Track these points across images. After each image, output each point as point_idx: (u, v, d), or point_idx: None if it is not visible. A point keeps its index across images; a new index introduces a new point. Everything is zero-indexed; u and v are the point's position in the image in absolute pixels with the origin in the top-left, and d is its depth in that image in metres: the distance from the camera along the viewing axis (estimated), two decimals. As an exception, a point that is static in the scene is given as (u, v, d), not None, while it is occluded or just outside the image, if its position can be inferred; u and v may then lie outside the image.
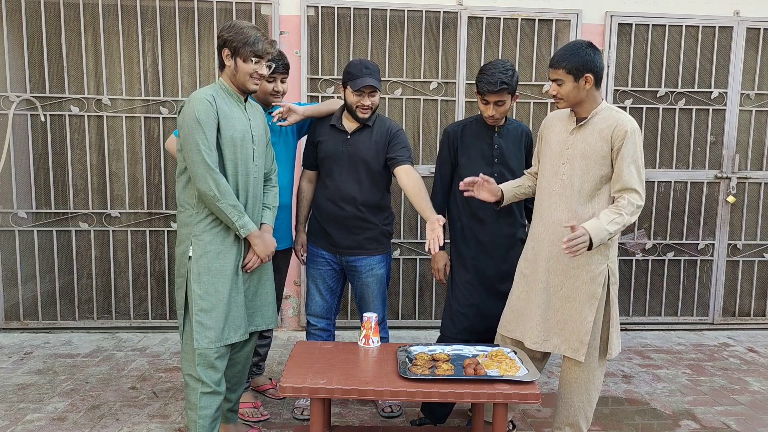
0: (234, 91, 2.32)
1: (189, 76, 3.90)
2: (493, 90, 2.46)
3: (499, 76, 2.45)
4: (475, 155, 2.62)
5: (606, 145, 2.24)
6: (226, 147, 2.25)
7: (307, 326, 2.88)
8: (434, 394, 2.02)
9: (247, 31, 2.25)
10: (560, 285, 2.33)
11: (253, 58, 2.26)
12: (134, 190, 3.98)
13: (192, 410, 2.28)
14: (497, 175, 2.59)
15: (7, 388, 3.06)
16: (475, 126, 2.65)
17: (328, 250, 2.75)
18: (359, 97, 2.59)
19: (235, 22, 2.29)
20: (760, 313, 4.35)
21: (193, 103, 2.20)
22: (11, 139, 3.78)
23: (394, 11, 3.88)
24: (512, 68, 2.52)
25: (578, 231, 2.12)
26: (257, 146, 2.38)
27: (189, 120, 2.18)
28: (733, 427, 2.83)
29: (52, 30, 3.79)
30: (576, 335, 2.30)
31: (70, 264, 3.94)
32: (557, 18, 3.94)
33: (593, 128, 2.27)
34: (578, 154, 2.29)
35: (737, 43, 4.07)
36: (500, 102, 2.50)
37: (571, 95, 2.25)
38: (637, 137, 2.23)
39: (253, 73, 2.28)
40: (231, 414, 2.57)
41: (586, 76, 2.22)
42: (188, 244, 2.26)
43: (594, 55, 2.24)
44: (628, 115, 2.29)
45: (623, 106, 4.07)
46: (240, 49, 2.24)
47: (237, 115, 2.31)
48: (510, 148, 2.64)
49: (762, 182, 4.24)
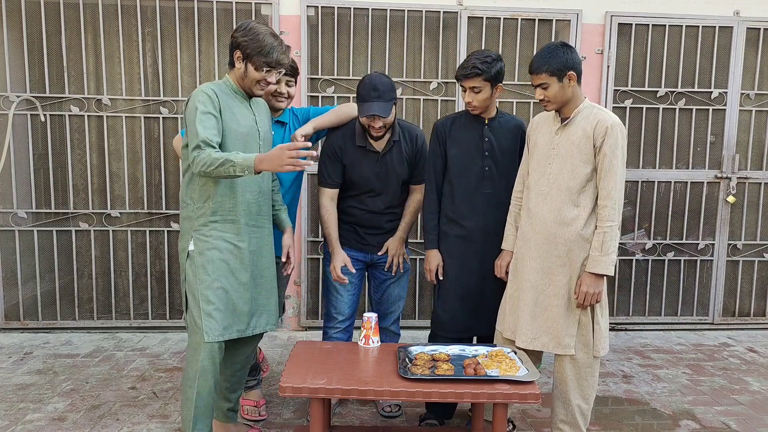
0: (240, 90, 2.31)
1: (189, 76, 3.90)
2: (464, 74, 2.44)
3: (473, 62, 2.43)
4: (464, 147, 2.57)
5: (589, 142, 2.28)
6: (231, 141, 2.23)
7: (326, 327, 2.83)
8: (434, 394, 2.02)
9: (263, 38, 2.20)
10: (547, 283, 2.36)
11: (265, 68, 2.23)
12: (134, 190, 3.98)
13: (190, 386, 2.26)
14: (487, 169, 2.55)
15: (7, 388, 3.06)
16: (465, 119, 2.61)
17: (358, 249, 2.78)
18: (369, 119, 2.54)
19: (252, 26, 2.23)
20: (760, 313, 4.35)
21: (196, 95, 2.20)
22: (11, 139, 3.78)
23: (394, 11, 3.88)
24: (494, 56, 2.46)
25: (582, 287, 2.28)
26: (263, 141, 2.38)
27: (191, 110, 2.18)
28: (733, 427, 2.83)
29: (52, 30, 3.79)
30: (565, 330, 2.34)
31: (70, 264, 3.94)
32: (557, 18, 3.94)
33: (577, 127, 2.32)
34: (564, 153, 2.33)
35: (737, 43, 4.06)
36: (476, 88, 2.45)
37: (558, 96, 2.30)
38: (618, 133, 2.26)
39: (262, 80, 2.26)
40: (231, 413, 2.56)
41: (569, 74, 2.27)
42: (189, 239, 2.26)
43: (571, 53, 2.29)
44: (609, 112, 2.34)
45: (623, 106, 4.07)
46: (253, 56, 2.20)
47: (242, 110, 2.30)
48: (502, 142, 2.57)
49: (762, 182, 4.24)
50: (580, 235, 2.31)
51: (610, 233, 2.26)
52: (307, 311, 4.07)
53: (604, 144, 2.25)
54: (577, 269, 2.34)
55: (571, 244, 2.32)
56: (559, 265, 2.34)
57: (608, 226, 2.26)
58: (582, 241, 2.32)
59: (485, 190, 2.56)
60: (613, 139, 2.24)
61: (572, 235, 2.31)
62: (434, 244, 2.64)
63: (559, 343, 2.35)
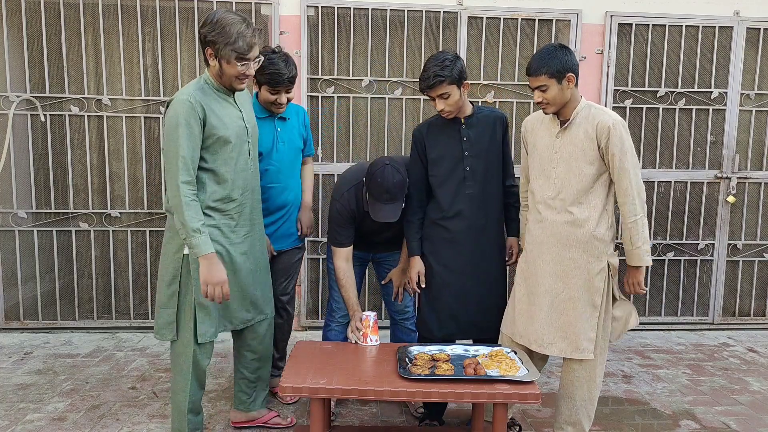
0: (220, 86, 2.23)
1: (189, 76, 3.90)
2: (427, 85, 2.39)
3: (433, 70, 2.36)
4: (443, 150, 2.52)
5: (593, 144, 2.27)
6: (219, 148, 2.19)
7: (328, 320, 2.86)
8: (434, 394, 2.02)
9: (229, 29, 2.05)
10: (563, 287, 2.34)
11: (239, 62, 2.12)
12: (134, 190, 3.98)
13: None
14: (468, 169, 2.50)
15: (7, 388, 3.06)
16: (441, 121, 2.54)
17: (362, 250, 2.78)
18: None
19: (219, 17, 2.08)
20: (760, 313, 4.35)
21: (176, 106, 2.11)
22: (11, 139, 3.78)
23: (394, 11, 3.88)
24: (451, 58, 2.38)
25: (631, 279, 2.36)
26: (251, 139, 2.34)
27: (171, 124, 2.10)
28: (733, 427, 2.83)
29: (52, 30, 3.79)
30: (584, 335, 2.32)
31: (70, 264, 3.94)
32: (557, 18, 3.94)
33: (578, 129, 2.30)
34: (568, 157, 2.31)
35: (737, 43, 4.06)
36: (444, 95, 2.39)
37: (558, 98, 2.28)
38: (621, 129, 2.25)
39: (239, 75, 2.16)
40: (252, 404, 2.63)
41: (568, 76, 2.26)
42: (181, 243, 2.23)
43: (570, 55, 2.28)
44: (608, 110, 2.33)
45: (623, 106, 4.07)
46: (222, 50, 2.09)
47: (228, 110, 2.23)
48: (482, 138, 2.51)
49: (762, 182, 4.24)
50: (594, 236, 2.30)
51: (635, 227, 2.26)
52: (307, 311, 4.07)
53: (609, 145, 2.24)
54: (594, 270, 2.31)
55: (584, 245, 2.31)
56: (574, 267, 2.32)
57: (632, 222, 2.26)
58: (596, 241, 2.30)
59: (468, 191, 2.50)
60: (617, 138, 2.23)
61: (585, 236, 2.30)
62: (416, 251, 2.59)
63: (577, 347, 2.33)
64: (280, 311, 2.86)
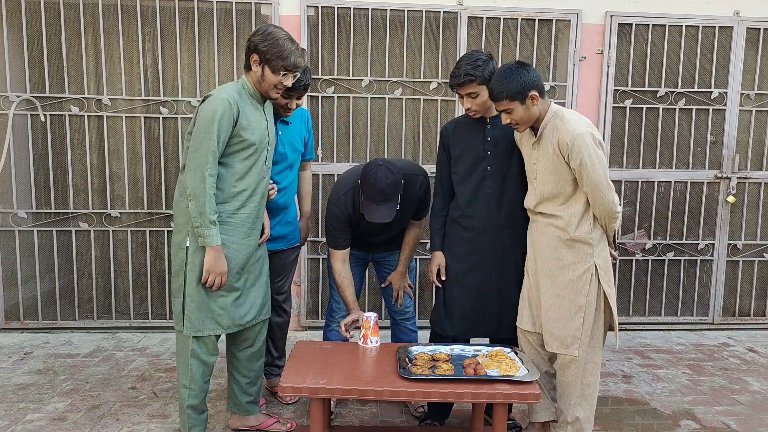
0: (256, 93, 2.35)
1: (189, 76, 3.90)
2: (457, 83, 2.41)
3: (465, 69, 2.38)
4: (466, 148, 2.55)
5: (559, 157, 2.30)
6: (244, 151, 2.29)
7: (328, 320, 2.86)
8: (434, 394, 2.02)
9: (283, 43, 2.25)
10: (550, 285, 2.39)
11: (282, 71, 2.27)
12: (134, 190, 3.98)
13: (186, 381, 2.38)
14: (489, 169, 2.50)
15: (7, 388, 3.06)
16: (468, 120, 2.57)
17: (359, 249, 2.79)
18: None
19: (270, 31, 2.27)
20: (760, 313, 4.35)
21: (215, 103, 2.21)
22: (11, 139, 3.78)
23: (394, 11, 3.88)
24: (484, 58, 2.40)
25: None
26: (270, 146, 2.44)
27: (207, 118, 2.20)
28: (733, 427, 2.83)
29: (52, 30, 3.79)
30: (567, 332, 2.35)
31: (70, 264, 3.94)
32: (557, 18, 3.94)
33: (547, 141, 2.33)
34: (543, 169, 2.36)
35: (737, 43, 4.06)
36: (473, 94, 2.41)
37: (525, 117, 2.29)
38: (581, 144, 2.22)
39: (279, 84, 2.30)
40: (252, 406, 2.62)
41: (530, 94, 2.24)
42: (185, 235, 2.30)
43: (528, 72, 2.25)
44: (573, 120, 2.29)
45: (623, 106, 4.07)
46: (272, 60, 2.24)
47: (257, 118, 2.34)
48: (506, 139, 2.52)
49: (762, 182, 4.24)
50: (574, 238, 2.34)
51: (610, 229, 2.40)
52: (307, 311, 4.08)
53: (571, 160, 2.26)
54: (578, 271, 2.34)
55: (568, 247, 2.35)
56: (560, 267, 2.37)
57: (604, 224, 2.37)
58: (578, 243, 2.34)
59: (487, 191, 2.52)
60: (577, 153, 2.23)
61: (568, 238, 2.35)
62: (437, 246, 2.63)
63: (562, 343, 2.37)
64: (278, 310, 2.87)
